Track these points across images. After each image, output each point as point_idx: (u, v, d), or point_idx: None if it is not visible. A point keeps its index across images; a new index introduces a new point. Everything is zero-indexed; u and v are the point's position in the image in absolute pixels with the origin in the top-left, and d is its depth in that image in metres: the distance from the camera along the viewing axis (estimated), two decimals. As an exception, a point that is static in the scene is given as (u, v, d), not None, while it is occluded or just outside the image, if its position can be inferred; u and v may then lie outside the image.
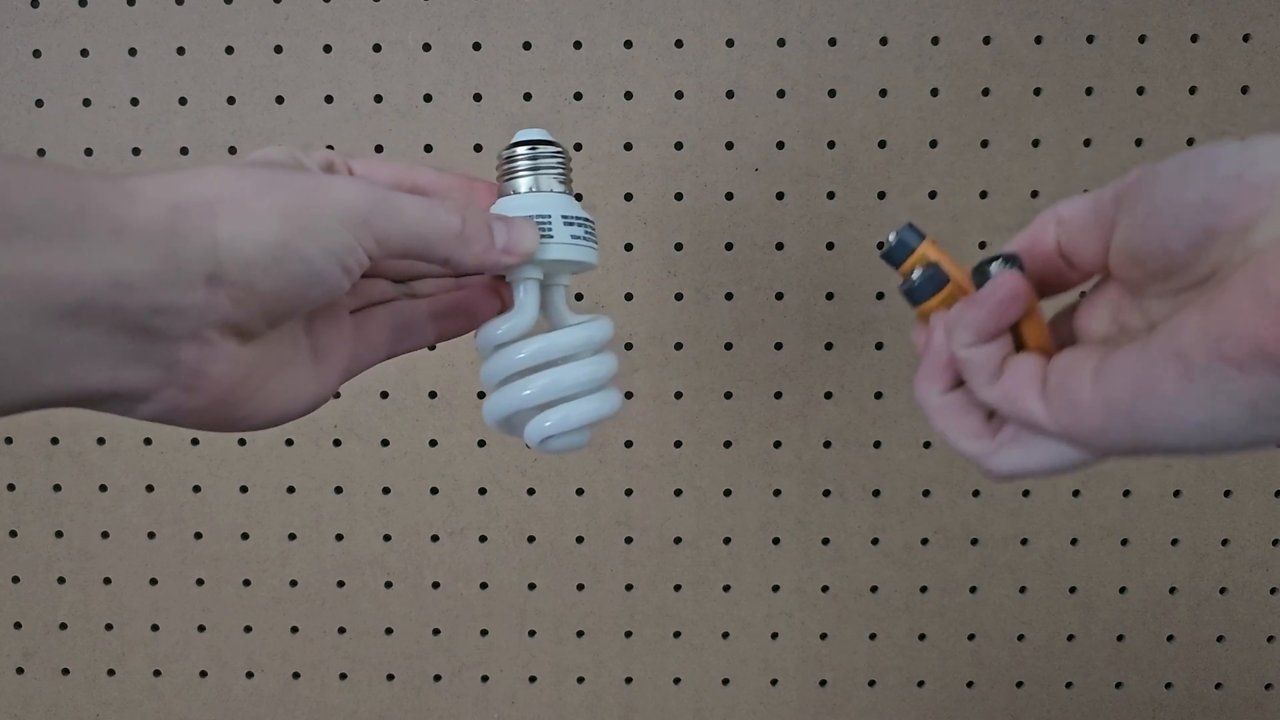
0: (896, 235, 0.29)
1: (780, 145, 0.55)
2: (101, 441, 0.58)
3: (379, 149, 0.55)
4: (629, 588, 0.59)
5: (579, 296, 0.56)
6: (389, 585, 0.59)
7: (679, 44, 0.54)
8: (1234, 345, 0.20)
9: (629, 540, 0.59)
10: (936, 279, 0.28)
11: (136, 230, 0.23)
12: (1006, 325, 0.26)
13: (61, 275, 0.22)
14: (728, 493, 0.58)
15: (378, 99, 0.55)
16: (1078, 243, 0.26)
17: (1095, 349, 0.25)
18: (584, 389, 0.33)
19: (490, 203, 0.34)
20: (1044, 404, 0.25)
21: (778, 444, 0.57)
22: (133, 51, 0.55)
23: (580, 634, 0.60)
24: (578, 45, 0.54)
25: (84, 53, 0.55)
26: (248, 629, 0.60)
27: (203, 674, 0.60)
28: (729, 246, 0.56)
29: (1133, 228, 0.24)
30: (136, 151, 0.56)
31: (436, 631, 0.60)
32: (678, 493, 0.58)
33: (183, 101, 0.55)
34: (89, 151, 0.56)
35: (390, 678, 0.60)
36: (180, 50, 0.55)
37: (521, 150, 0.33)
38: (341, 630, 0.60)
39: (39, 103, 0.55)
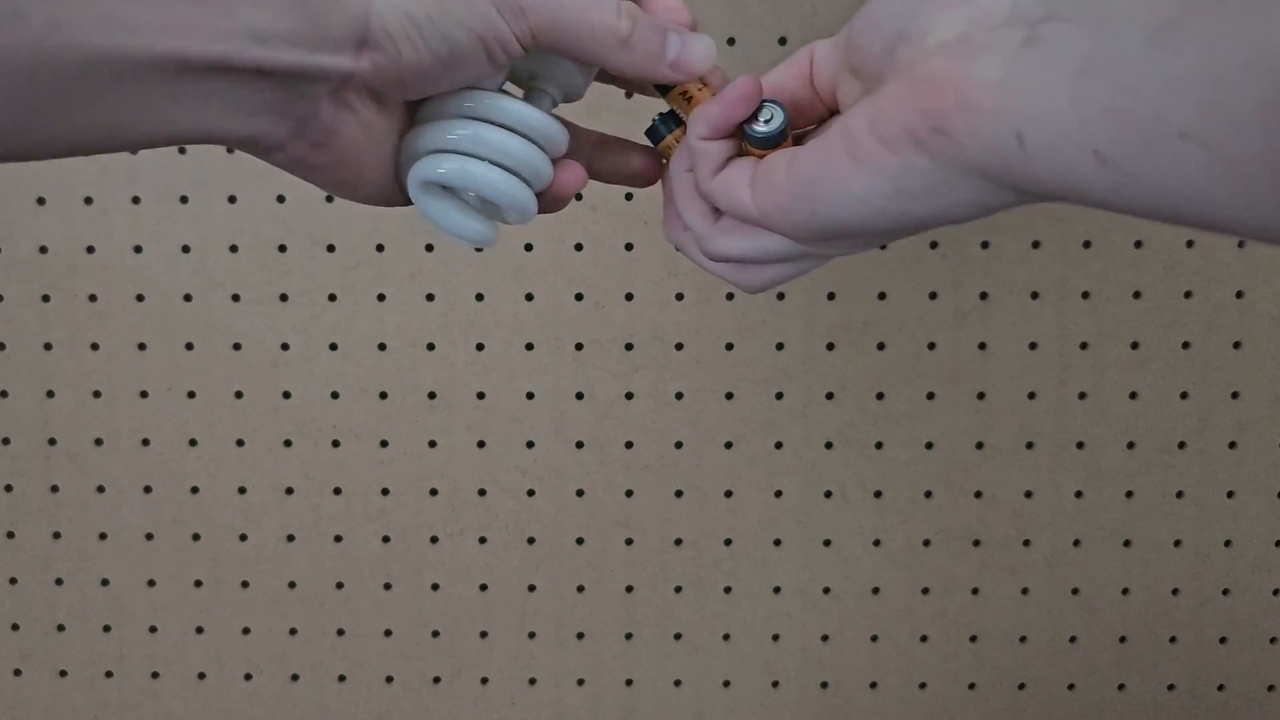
0: (660, 118, 0.33)
1: (781, 145, 0.54)
2: (99, 442, 0.58)
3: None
4: (629, 589, 0.59)
5: (579, 296, 0.56)
6: (388, 587, 0.59)
7: (680, 43, 0.54)
8: (885, 125, 0.23)
9: (629, 541, 0.58)
10: (670, 121, 0.32)
11: None
12: (735, 122, 0.28)
13: (208, 27, 0.23)
14: (728, 494, 0.58)
15: (377, 98, 0.55)
16: (823, 76, 0.30)
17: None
18: (507, 161, 0.29)
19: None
20: (750, 190, 0.28)
21: (779, 445, 0.57)
22: (131, 50, 0.55)
23: (580, 636, 0.59)
24: (578, 44, 0.54)
25: (82, 52, 0.55)
26: (246, 631, 0.60)
27: (201, 676, 0.60)
28: (730, 246, 0.55)
29: (846, 47, 0.27)
30: (134, 150, 0.55)
31: (436, 633, 0.60)
32: (678, 494, 0.58)
33: (181, 101, 0.55)
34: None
35: (389, 680, 0.60)
36: (179, 49, 0.55)
37: None
38: (340, 632, 0.60)
39: (37, 102, 0.55)
